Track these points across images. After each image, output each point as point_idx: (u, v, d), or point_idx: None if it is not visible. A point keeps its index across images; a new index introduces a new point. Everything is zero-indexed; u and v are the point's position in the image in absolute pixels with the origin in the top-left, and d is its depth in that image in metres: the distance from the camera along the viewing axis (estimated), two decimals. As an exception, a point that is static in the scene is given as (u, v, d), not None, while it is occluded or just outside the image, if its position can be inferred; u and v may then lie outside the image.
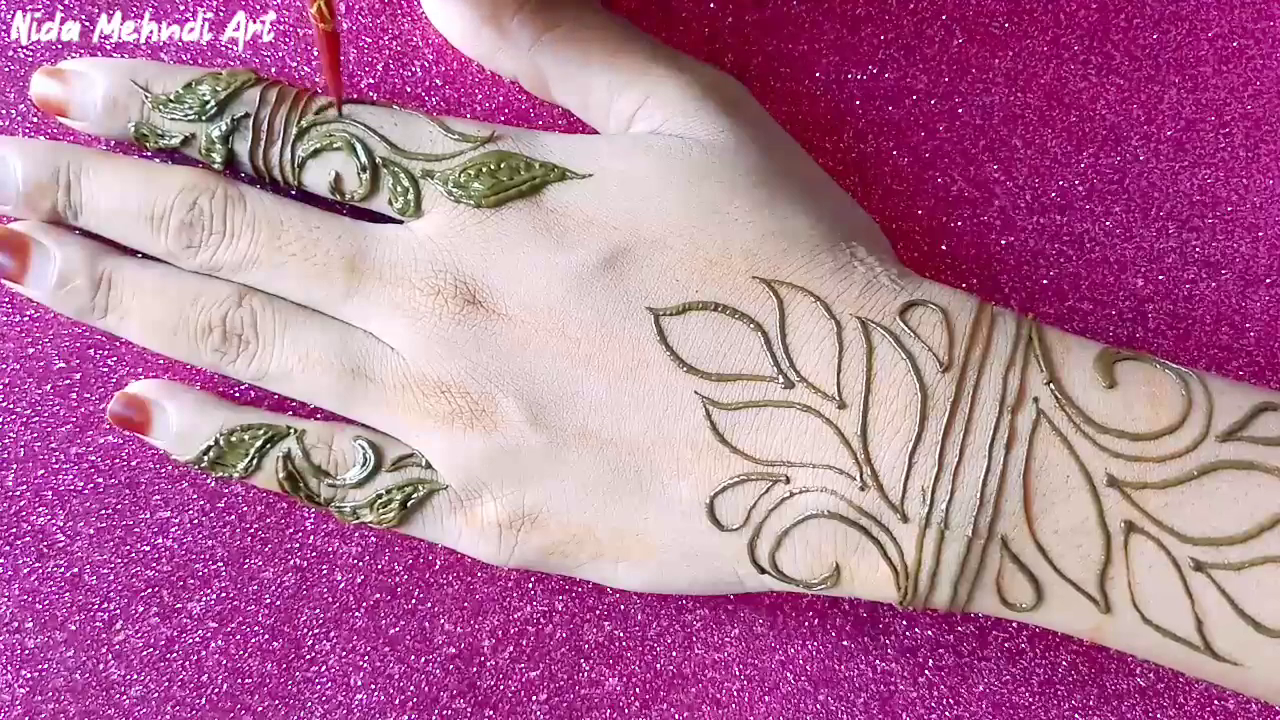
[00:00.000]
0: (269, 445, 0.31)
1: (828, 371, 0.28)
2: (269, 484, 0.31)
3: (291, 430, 0.31)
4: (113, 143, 0.32)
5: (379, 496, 0.30)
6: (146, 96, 0.30)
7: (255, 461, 0.31)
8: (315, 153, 0.30)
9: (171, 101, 0.30)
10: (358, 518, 0.31)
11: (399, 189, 0.30)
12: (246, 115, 0.30)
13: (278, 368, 0.30)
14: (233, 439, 0.31)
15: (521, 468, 0.29)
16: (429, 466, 0.30)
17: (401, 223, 0.30)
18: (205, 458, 0.31)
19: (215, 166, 0.30)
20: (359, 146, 0.30)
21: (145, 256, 0.31)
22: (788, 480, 0.28)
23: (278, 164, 0.30)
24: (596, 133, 0.32)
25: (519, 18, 0.30)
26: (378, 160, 0.30)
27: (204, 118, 0.30)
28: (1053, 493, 0.26)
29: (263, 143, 0.30)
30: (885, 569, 0.28)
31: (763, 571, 0.29)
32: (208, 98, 0.30)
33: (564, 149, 0.30)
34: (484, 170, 0.29)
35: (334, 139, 0.30)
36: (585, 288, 0.28)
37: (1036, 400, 0.27)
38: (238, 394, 0.32)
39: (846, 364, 0.27)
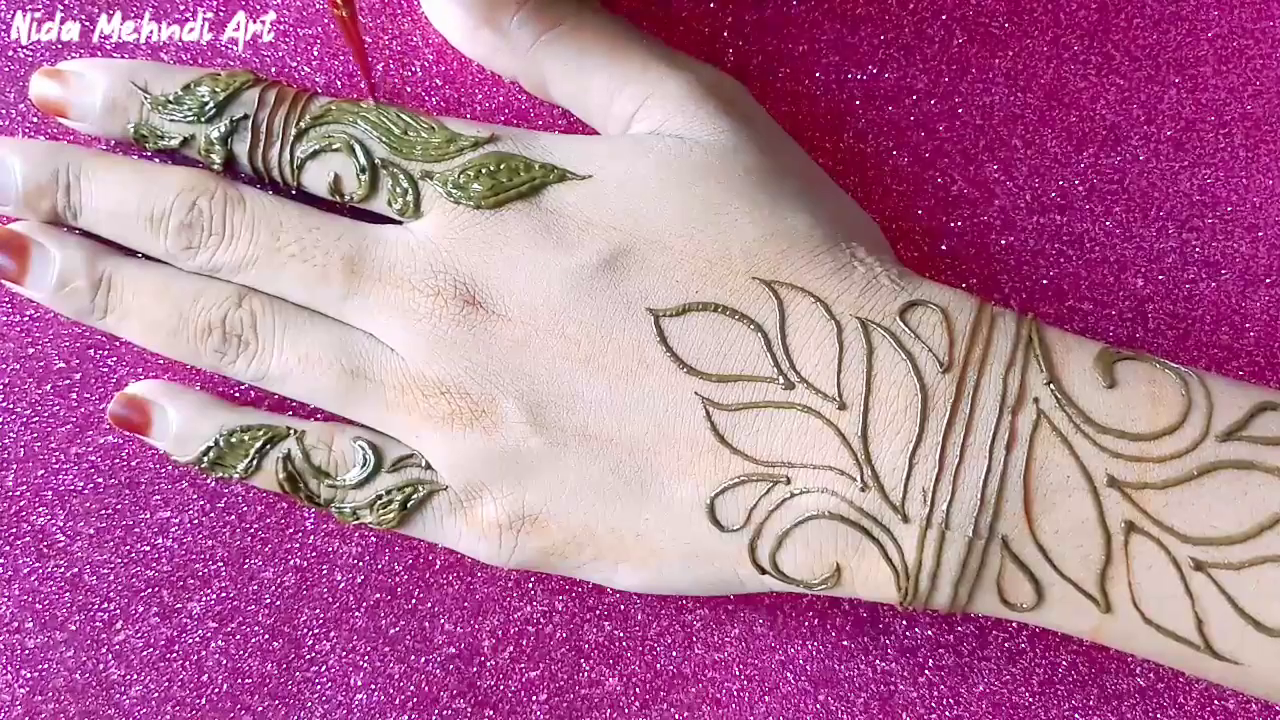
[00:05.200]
0: (269, 446, 0.31)
1: (828, 372, 0.27)
2: (269, 485, 0.31)
3: (291, 431, 0.31)
4: (113, 143, 0.32)
5: (379, 497, 0.30)
6: (146, 97, 0.30)
7: (255, 462, 0.31)
8: (314, 154, 0.30)
9: (170, 103, 0.30)
10: (358, 518, 0.31)
11: (398, 190, 0.30)
12: (245, 116, 0.30)
13: (277, 368, 0.30)
14: (232, 440, 0.31)
15: (521, 469, 0.29)
16: (429, 467, 0.30)
17: (401, 224, 0.30)
18: (205, 459, 0.31)
19: (214, 167, 0.30)
20: (358, 148, 0.30)
21: (145, 257, 0.31)
22: (788, 481, 0.28)
23: (277, 165, 0.30)
24: (596, 133, 0.32)
25: (518, 18, 0.30)
26: (377, 161, 0.30)
27: (203, 119, 0.30)
28: (1053, 493, 0.26)
29: (261, 144, 0.30)
30: (886, 570, 0.28)
31: (763, 572, 0.29)
32: (206, 99, 0.30)
33: (563, 150, 0.30)
34: (483, 171, 0.29)
35: (333, 140, 0.30)
36: (585, 289, 0.28)
37: (1037, 400, 0.27)
38: (238, 394, 0.32)
39: (847, 365, 0.27)
